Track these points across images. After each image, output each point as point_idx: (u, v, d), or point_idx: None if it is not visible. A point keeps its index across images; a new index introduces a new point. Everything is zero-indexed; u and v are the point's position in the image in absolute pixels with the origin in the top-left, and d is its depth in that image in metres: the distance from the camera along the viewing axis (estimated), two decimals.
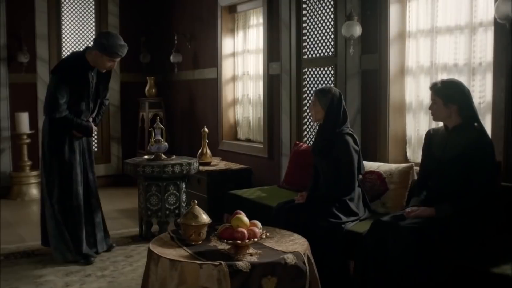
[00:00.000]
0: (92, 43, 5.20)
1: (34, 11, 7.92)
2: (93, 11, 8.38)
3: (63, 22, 8.21)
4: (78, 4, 8.29)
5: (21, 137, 7.74)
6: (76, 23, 8.30)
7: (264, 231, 3.43)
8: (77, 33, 8.29)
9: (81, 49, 5.26)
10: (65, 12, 8.22)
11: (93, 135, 5.15)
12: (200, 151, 6.48)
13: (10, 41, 7.77)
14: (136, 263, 4.80)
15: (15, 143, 7.83)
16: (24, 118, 7.64)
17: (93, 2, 8.37)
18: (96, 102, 5.08)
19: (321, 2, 5.47)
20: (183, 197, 5.52)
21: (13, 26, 7.78)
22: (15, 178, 7.79)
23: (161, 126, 5.69)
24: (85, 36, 8.34)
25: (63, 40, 8.20)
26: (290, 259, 3.23)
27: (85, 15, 8.34)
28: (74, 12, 8.27)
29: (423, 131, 4.54)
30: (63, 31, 8.20)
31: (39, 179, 7.66)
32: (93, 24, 8.39)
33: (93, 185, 5.13)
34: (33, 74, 7.95)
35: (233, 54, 7.32)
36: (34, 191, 7.72)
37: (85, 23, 8.35)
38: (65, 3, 8.21)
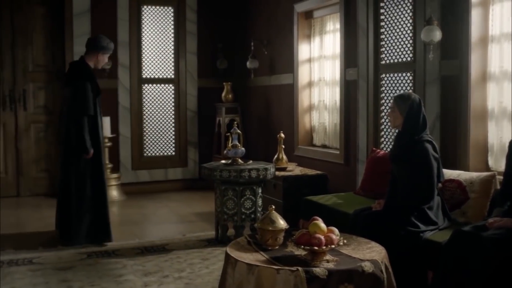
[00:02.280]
0: (88, 51, 5.80)
1: (116, 19, 8.19)
2: (172, 18, 8.58)
3: (143, 29, 8.44)
4: (157, 11, 8.51)
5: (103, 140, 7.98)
6: (156, 30, 8.52)
7: (341, 238, 3.42)
8: (156, 39, 8.52)
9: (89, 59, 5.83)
10: (145, 19, 8.45)
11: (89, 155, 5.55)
12: (276, 156, 6.51)
13: None
14: (212, 266, 4.87)
15: None
16: (106, 122, 7.86)
17: (172, 10, 8.57)
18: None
19: (400, 6, 5.40)
20: (259, 202, 5.55)
21: (97, 34, 8.05)
22: None
23: (238, 131, 5.75)
24: (163, 42, 8.55)
25: (143, 46, 8.44)
26: (367, 267, 3.21)
27: (164, 22, 8.55)
28: (153, 19, 8.49)
29: (507, 139, 4.40)
30: (143, 38, 8.44)
31: (119, 181, 7.95)
32: (172, 30, 8.58)
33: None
34: (115, 80, 8.20)
35: (309, 60, 7.32)
36: (114, 193, 7.93)
37: (164, 30, 8.56)
38: (145, 11, 8.45)
